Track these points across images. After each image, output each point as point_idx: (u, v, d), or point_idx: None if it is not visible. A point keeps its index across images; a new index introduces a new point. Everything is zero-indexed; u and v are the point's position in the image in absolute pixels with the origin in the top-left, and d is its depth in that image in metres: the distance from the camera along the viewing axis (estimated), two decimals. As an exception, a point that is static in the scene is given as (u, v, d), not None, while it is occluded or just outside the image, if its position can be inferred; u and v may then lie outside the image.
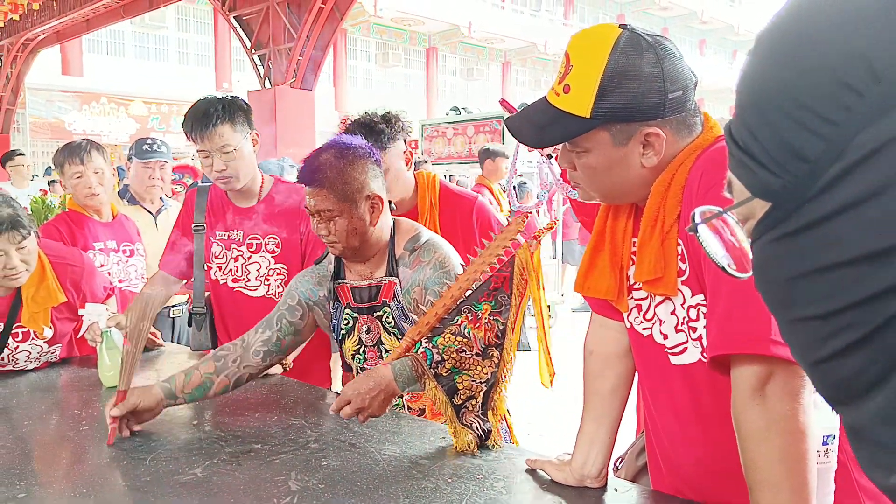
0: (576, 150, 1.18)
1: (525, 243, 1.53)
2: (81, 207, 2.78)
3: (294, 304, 1.86)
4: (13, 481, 1.40)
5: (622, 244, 1.28)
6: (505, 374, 1.57)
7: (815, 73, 0.44)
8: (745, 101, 0.49)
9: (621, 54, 1.09)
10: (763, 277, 0.49)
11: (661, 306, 1.21)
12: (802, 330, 0.47)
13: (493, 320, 1.53)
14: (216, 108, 2.19)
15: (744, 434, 1.00)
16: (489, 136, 9.12)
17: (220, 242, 2.37)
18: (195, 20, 21.17)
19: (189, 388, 1.73)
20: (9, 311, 2.18)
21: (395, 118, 2.23)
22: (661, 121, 1.12)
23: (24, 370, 2.25)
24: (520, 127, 1.22)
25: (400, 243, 1.82)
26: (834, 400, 0.48)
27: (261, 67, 9.23)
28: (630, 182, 1.18)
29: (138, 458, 1.53)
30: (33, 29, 13.30)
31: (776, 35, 0.48)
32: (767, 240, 0.48)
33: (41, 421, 1.82)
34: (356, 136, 1.86)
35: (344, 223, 1.71)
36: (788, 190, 0.45)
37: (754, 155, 0.47)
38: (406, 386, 1.55)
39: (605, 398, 1.38)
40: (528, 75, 29.71)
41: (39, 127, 17.03)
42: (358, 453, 1.53)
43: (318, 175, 1.70)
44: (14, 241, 2.05)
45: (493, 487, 1.37)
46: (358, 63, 24.49)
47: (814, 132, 0.43)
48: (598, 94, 1.10)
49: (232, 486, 1.37)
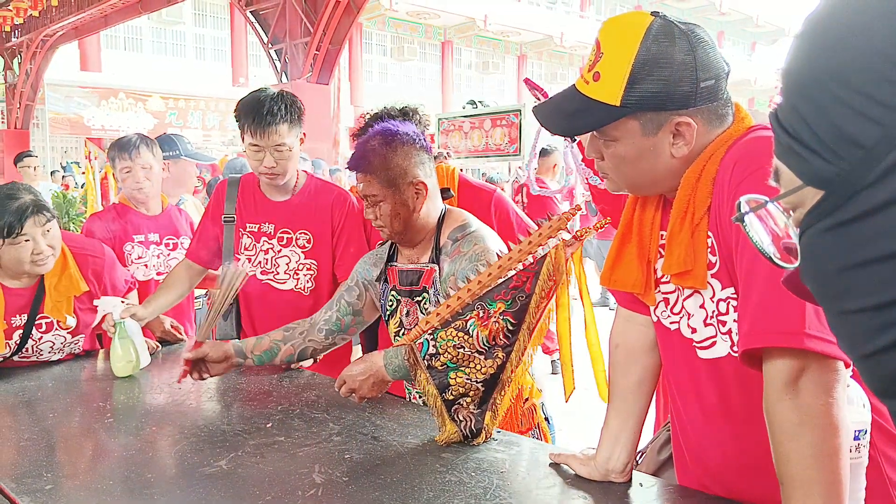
0: (604, 139, 1.17)
1: (561, 242, 1.49)
2: (129, 200, 2.85)
3: (352, 284, 1.96)
4: (41, 473, 1.41)
5: (650, 237, 1.26)
6: (511, 377, 1.53)
7: (869, 58, 0.42)
8: (794, 86, 0.47)
9: (653, 42, 1.07)
10: (813, 268, 0.48)
11: (690, 300, 1.19)
12: (853, 322, 0.46)
13: (504, 320, 1.49)
14: (279, 106, 2.18)
15: (776, 428, 0.99)
16: (506, 130, 9.07)
17: (249, 234, 2.37)
18: (212, 15, 21.26)
19: (258, 351, 1.90)
20: (32, 302, 2.20)
21: (413, 111, 2.26)
22: (692, 110, 1.10)
23: (48, 362, 2.27)
24: (548, 115, 1.21)
25: (446, 231, 1.83)
26: (884, 392, 0.47)
27: (277, 62, 9.25)
28: (659, 172, 1.16)
29: (164, 450, 1.54)
30: (52, 25, 13.42)
31: (826, 19, 0.47)
32: (819, 229, 0.47)
33: (66, 413, 1.83)
34: (406, 122, 1.88)
35: (388, 208, 1.77)
36: (843, 178, 0.44)
37: (805, 141, 0.46)
38: (396, 374, 1.61)
39: (631, 393, 1.37)
40: (545, 68, 29.57)
41: (58, 122, 17.17)
42: (381, 446, 1.53)
43: (363, 161, 1.76)
44: (40, 223, 2.09)
45: (517, 481, 1.36)
46: (373, 57, 24.49)
47: (870, 118, 0.42)
48: (629, 82, 1.08)
49: (257, 478, 1.38)
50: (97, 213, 3.05)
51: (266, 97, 2.22)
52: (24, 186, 2.15)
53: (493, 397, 1.54)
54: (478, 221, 1.88)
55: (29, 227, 2.07)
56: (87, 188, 5.83)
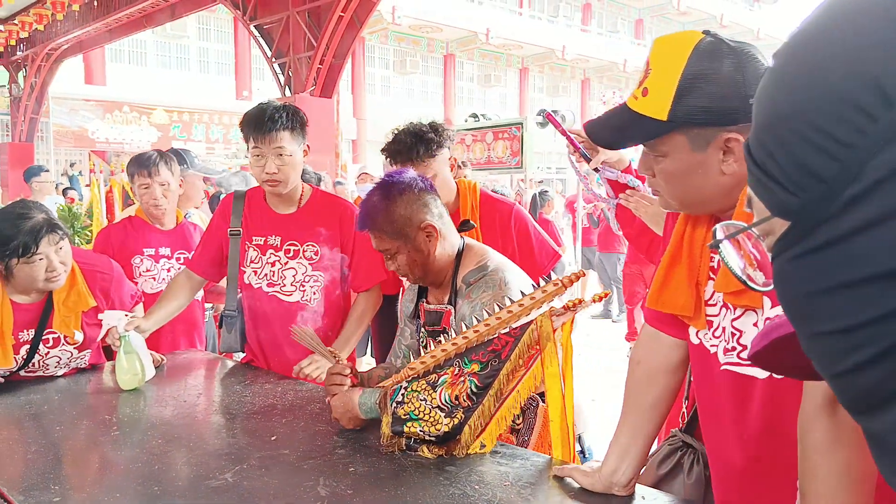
0: (654, 155, 1.17)
1: (549, 311, 1.48)
2: (145, 214, 2.89)
3: (402, 325, 2.03)
4: (48, 485, 1.43)
5: (700, 258, 1.24)
6: (470, 441, 1.52)
7: (829, 97, 0.45)
8: (763, 121, 0.50)
9: (701, 57, 1.08)
10: (784, 292, 0.51)
11: (742, 319, 1.18)
12: (824, 343, 0.48)
13: (470, 381, 1.49)
14: (280, 114, 2.27)
15: (809, 444, 0.97)
16: (508, 143, 9.12)
17: (255, 247, 2.40)
18: (216, 29, 21.37)
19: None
20: (40, 318, 2.22)
21: (441, 127, 2.35)
22: (742, 126, 1.09)
23: (53, 376, 2.29)
24: (597, 129, 1.22)
25: (462, 272, 1.84)
26: (855, 410, 0.49)
27: (281, 76, 9.29)
28: (709, 189, 1.15)
29: (170, 463, 1.55)
30: (57, 39, 13.49)
31: (791, 56, 0.49)
32: (787, 257, 0.49)
33: (72, 426, 1.85)
34: (405, 169, 1.92)
35: (404, 258, 1.81)
36: (806, 209, 0.47)
37: (772, 174, 0.48)
38: (368, 414, 1.66)
39: (645, 411, 1.36)
40: (546, 81, 29.68)
41: (63, 135, 17.24)
42: (385, 459, 1.54)
43: (368, 220, 1.82)
44: (53, 242, 2.12)
45: (521, 494, 1.37)
46: (376, 70, 24.60)
47: (829, 154, 0.45)
48: (676, 96, 1.08)
49: (262, 490, 1.39)
50: (111, 224, 3.11)
51: (269, 107, 2.30)
52: (35, 204, 2.18)
53: (450, 447, 1.54)
54: (497, 258, 1.87)
55: (43, 246, 2.10)
56: (93, 201, 5.86)
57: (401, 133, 2.32)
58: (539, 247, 2.45)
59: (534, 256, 2.42)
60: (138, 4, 11.30)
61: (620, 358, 6.00)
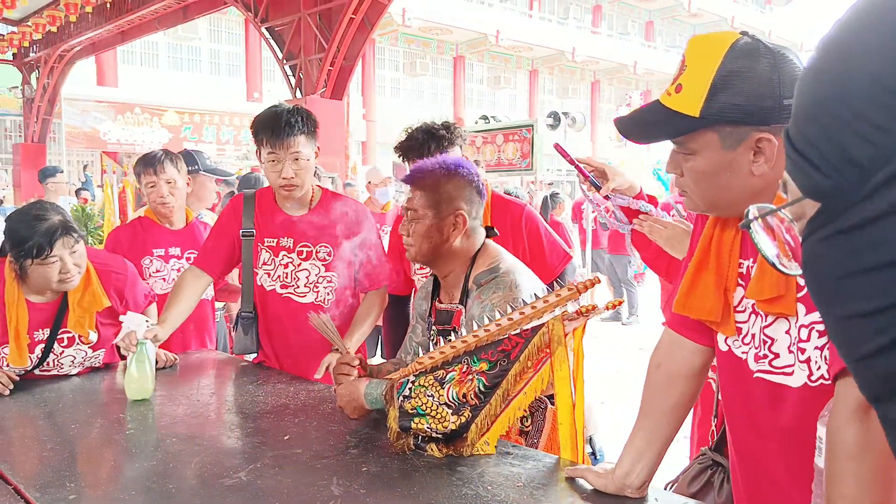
0: (683, 153, 1.17)
1: (561, 315, 1.47)
2: (154, 214, 2.91)
3: (414, 323, 2.04)
4: (63, 483, 1.44)
5: (728, 264, 1.23)
6: (476, 439, 1.52)
7: (867, 84, 0.46)
8: (803, 107, 0.52)
9: (737, 56, 1.08)
10: (812, 274, 0.52)
11: (774, 326, 1.17)
12: (849, 326, 0.49)
13: (478, 380, 1.49)
14: (296, 119, 2.26)
15: (838, 448, 0.96)
16: (518, 145, 9.12)
17: (268, 249, 2.40)
18: (227, 31, 21.48)
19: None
20: (55, 317, 2.24)
21: (453, 126, 2.37)
22: (774, 127, 1.09)
23: (67, 375, 2.30)
24: (628, 125, 1.21)
25: (475, 272, 1.85)
26: (876, 396, 0.50)
27: (292, 77, 9.33)
28: (738, 190, 1.14)
29: (184, 462, 1.56)
30: (69, 41, 13.58)
31: (832, 46, 0.51)
32: (817, 238, 0.50)
33: (87, 424, 1.86)
34: (472, 163, 1.95)
35: (422, 227, 1.81)
36: (838, 191, 0.48)
37: (809, 158, 0.50)
38: (373, 405, 1.69)
39: (663, 416, 1.35)
40: (556, 83, 29.65)
41: (75, 136, 17.35)
42: (397, 459, 1.55)
43: (416, 176, 1.85)
44: (68, 245, 2.13)
45: (533, 495, 1.37)
46: (386, 72, 24.66)
47: (865, 138, 0.46)
48: (710, 93, 1.08)
49: (276, 489, 1.40)
50: (121, 225, 3.14)
51: (283, 110, 2.29)
52: (52, 206, 2.19)
53: (456, 446, 1.55)
54: (510, 259, 1.87)
55: (58, 248, 2.11)
56: (105, 202, 5.89)
57: (414, 131, 2.35)
58: (550, 248, 2.45)
59: (545, 257, 2.41)
60: (150, 6, 11.37)
61: (630, 361, 5.99)
